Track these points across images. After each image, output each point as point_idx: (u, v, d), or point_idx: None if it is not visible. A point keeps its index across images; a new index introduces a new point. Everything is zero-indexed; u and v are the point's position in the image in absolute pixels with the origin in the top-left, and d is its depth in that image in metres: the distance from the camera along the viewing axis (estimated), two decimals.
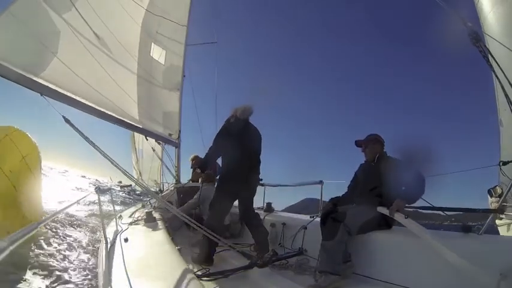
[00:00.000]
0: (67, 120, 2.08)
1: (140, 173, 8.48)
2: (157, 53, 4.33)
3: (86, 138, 2.12)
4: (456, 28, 1.84)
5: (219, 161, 2.98)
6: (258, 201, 4.08)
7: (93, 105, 2.51)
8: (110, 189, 3.14)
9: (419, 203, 2.10)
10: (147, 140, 4.41)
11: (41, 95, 2.06)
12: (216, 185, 2.81)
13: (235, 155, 2.53)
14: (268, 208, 3.66)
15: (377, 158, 2.40)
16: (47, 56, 2.26)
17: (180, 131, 4.59)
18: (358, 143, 2.54)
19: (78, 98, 2.34)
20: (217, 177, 3.47)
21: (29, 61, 2.09)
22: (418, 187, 2.07)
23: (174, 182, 4.88)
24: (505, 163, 1.97)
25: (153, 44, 4.22)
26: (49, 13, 2.31)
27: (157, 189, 5.83)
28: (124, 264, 1.75)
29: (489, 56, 1.87)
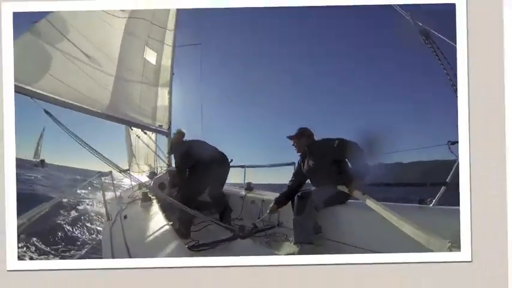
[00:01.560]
0: (47, 112, 2.16)
1: (135, 157, 8.73)
2: (149, 55, 4.57)
3: (67, 131, 2.19)
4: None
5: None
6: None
7: (74, 103, 2.60)
8: (110, 172, 3.39)
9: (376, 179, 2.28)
10: (131, 129, 4.66)
11: (31, 98, 2.12)
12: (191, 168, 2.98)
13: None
14: (249, 187, 4.00)
15: (307, 149, 2.53)
16: (39, 73, 2.40)
17: (170, 122, 4.87)
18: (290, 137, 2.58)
19: (59, 98, 2.49)
20: None
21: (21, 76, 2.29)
22: (360, 158, 2.17)
23: (166, 166, 5.20)
24: (453, 143, 2.04)
25: (146, 47, 4.43)
26: (44, 46, 2.45)
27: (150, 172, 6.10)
28: (124, 237, 2.06)
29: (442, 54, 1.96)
